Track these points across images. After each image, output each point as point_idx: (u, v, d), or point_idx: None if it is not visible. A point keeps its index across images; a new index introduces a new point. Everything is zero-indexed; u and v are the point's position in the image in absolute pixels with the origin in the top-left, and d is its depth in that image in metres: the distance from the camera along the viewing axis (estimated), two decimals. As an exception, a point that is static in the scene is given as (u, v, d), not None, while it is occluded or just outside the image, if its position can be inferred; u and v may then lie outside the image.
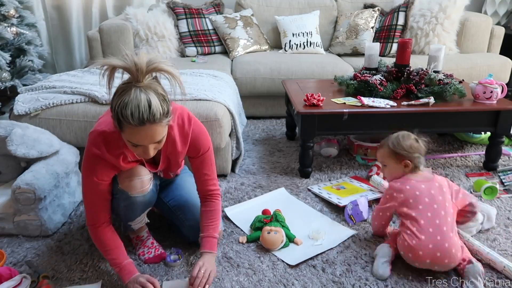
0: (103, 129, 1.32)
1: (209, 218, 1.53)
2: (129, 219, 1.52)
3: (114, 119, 1.20)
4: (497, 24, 3.69)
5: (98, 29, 3.04)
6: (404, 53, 2.26)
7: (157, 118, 1.16)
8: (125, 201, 1.43)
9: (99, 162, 1.33)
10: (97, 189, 1.37)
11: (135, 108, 1.13)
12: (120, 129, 1.19)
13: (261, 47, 3.31)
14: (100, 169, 1.34)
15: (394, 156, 1.59)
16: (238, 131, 2.19)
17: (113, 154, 1.33)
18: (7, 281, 1.41)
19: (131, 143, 1.22)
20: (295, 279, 1.49)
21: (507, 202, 1.96)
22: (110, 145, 1.32)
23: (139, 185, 1.42)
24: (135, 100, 1.13)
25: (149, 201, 1.50)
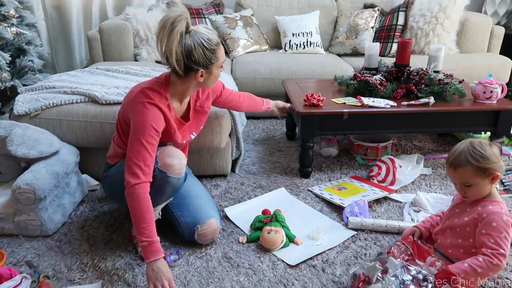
0: (148, 86, 1.49)
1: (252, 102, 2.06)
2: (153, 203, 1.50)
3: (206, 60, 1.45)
4: (497, 24, 3.69)
5: (98, 29, 3.04)
6: (404, 53, 2.26)
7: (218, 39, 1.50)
8: (159, 180, 1.46)
9: (154, 110, 1.45)
10: (153, 140, 1.42)
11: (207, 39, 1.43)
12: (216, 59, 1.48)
13: (261, 47, 3.31)
14: (156, 116, 1.45)
15: (480, 172, 1.34)
16: (238, 131, 2.19)
17: (162, 104, 1.48)
18: (7, 281, 1.41)
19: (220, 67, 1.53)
20: (295, 279, 1.49)
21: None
22: (158, 95, 1.48)
23: (178, 166, 1.47)
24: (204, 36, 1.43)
25: (179, 186, 1.54)
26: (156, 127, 1.44)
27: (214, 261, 1.58)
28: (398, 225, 1.73)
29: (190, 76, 1.49)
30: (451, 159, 1.38)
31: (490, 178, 1.34)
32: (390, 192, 1.99)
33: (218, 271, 1.53)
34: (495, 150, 1.35)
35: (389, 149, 2.39)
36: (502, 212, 1.32)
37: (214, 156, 2.13)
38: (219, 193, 2.06)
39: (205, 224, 1.60)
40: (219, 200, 1.99)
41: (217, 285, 1.46)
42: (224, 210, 1.88)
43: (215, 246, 1.66)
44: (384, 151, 2.37)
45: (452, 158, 1.38)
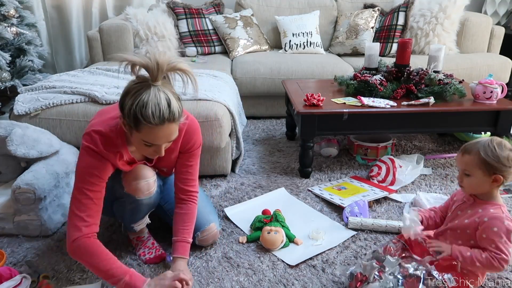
0: (99, 129, 1.28)
1: (184, 221, 1.48)
2: (133, 221, 1.52)
3: (127, 118, 1.17)
4: (497, 24, 3.69)
5: (98, 29, 3.04)
6: (404, 53, 2.26)
7: (176, 117, 1.18)
8: (131, 204, 1.42)
9: (99, 159, 1.27)
10: (96, 187, 1.27)
11: (156, 107, 1.13)
12: (136, 128, 1.18)
13: (261, 47, 3.31)
14: (101, 165, 1.28)
15: (484, 167, 1.30)
16: (238, 131, 2.19)
17: (111, 152, 1.29)
18: (7, 281, 1.40)
19: (144, 143, 1.22)
20: (295, 279, 1.49)
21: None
22: (107, 143, 1.28)
23: (146, 188, 1.40)
24: (155, 99, 1.14)
25: (154, 202, 1.50)
26: (98, 174, 1.27)
27: (214, 261, 1.58)
28: (398, 225, 1.73)
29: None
30: (466, 144, 1.36)
31: (492, 178, 1.31)
32: (390, 192, 1.99)
33: (218, 271, 1.53)
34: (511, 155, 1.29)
35: (389, 149, 2.39)
36: (503, 216, 1.30)
37: (214, 156, 2.13)
38: (219, 193, 2.06)
39: (206, 231, 1.59)
40: (219, 200, 1.99)
41: (217, 285, 1.46)
42: (224, 210, 1.88)
43: (215, 246, 1.66)
44: (384, 151, 2.37)
45: (467, 144, 1.35)
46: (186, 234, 1.47)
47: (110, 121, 1.31)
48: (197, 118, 1.94)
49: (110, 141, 1.28)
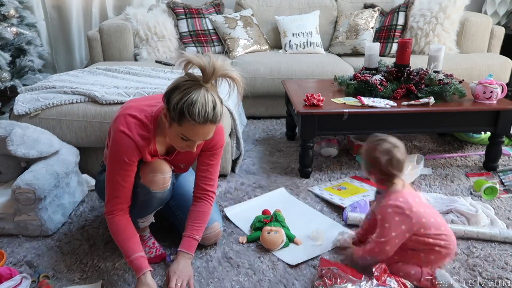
0: (134, 113, 1.36)
1: (196, 219, 1.52)
2: (141, 215, 1.52)
3: (172, 111, 1.24)
4: (497, 24, 3.69)
5: (98, 29, 3.04)
6: (404, 53, 2.26)
7: (218, 119, 1.27)
8: (144, 196, 1.44)
9: (129, 143, 1.34)
10: (124, 172, 1.36)
11: (203, 107, 1.21)
12: (179, 123, 1.24)
13: (261, 47, 3.31)
14: (130, 150, 1.35)
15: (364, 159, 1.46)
16: (238, 131, 2.19)
17: (142, 139, 1.36)
18: (7, 281, 1.41)
19: (182, 137, 1.28)
20: (295, 279, 1.49)
21: (507, 202, 1.96)
22: (140, 129, 1.35)
23: (161, 182, 1.43)
24: (203, 99, 1.21)
25: (165, 198, 1.52)
26: (128, 159, 1.35)
27: (214, 261, 1.58)
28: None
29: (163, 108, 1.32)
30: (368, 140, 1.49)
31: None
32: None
33: (218, 271, 1.53)
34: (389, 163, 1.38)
35: (389, 149, 2.39)
36: (385, 205, 1.39)
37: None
38: (219, 193, 2.06)
39: (209, 228, 1.59)
40: (219, 200, 1.99)
41: (217, 285, 1.46)
42: (224, 210, 1.88)
43: (215, 246, 1.66)
44: (384, 151, 2.37)
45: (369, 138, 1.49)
46: (195, 232, 1.50)
47: (146, 108, 1.38)
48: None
49: (144, 128, 1.36)
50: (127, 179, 1.38)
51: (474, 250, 1.63)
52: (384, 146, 1.40)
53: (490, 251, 1.62)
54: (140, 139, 1.35)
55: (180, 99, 1.22)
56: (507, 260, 1.57)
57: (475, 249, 1.63)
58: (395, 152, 1.39)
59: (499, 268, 1.53)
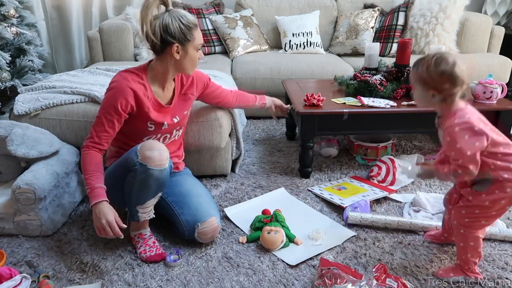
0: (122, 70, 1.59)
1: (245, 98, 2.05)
2: (140, 200, 1.53)
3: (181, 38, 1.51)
4: (497, 24, 3.69)
5: (98, 29, 3.04)
6: (404, 53, 2.26)
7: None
8: (142, 174, 1.47)
9: (128, 93, 1.52)
10: (112, 116, 1.52)
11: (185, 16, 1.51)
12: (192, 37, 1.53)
13: (261, 47, 3.31)
14: (127, 98, 1.51)
15: (420, 82, 1.34)
16: (238, 131, 2.19)
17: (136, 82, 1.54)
18: (7, 281, 1.41)
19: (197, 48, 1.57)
20: (295, 279, 1.49)
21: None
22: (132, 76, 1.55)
23: (158, 158, 1.47)
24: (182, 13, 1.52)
25: (163, 180, 1.52)
26: (118, 107, 1.51)
27: (214, 261, 1.58)
28: (397, 220, 1.73)
29: (167, 52, 1.54)
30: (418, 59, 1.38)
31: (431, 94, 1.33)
32: (390, 192, 1.99)
33: (218, 271, 1.53)
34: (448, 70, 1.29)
35: (389, 149, 2.39)
36: (453, 124, 1.30)
37: (214, 156, 2.13)
38: (219, 193, 2.06)
39: (206, 223, 1.60)
40: (219, 200, 1.99)
41: (217, 285, 1.46)
42: (224, 210, 1.88)
43: (215, 246, 1.66)
44: (384, 151, 2.37)
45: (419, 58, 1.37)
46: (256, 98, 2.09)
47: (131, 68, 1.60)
48: (197, 118, 1.96)
49: (136, 75, 1.56)
50: (112, 126, 1.53)
51: (474, 250, 1.62)
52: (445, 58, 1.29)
53: (490, 251, 1.62)
54: (136, 83, 1.54)
55: (178, 24, 1.49)
56: (507, 260, 1.57)
57: (475, 249, 1.63)
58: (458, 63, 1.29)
59: (499, 268, 1.53)
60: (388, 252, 1.62)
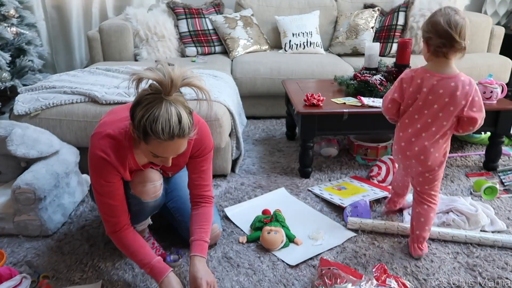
0: (108, 131, 1.28)
1: (200, 221, 1.47)
2: (135, 222, 1.51)
3: (136, 129, 1.18)
4: (497, 24, 3.69)
5: (98, 29, 3.04)
6: (404, 53, 2.26)
7: (186, 133, 1.17)
8: (136, 206, 1.42)
9: (105, 166, 1.28)
10: (109, 191, 1.32)
11: (166, 123, 1.12)
12: (145, 141, 1.18)
13: (261, 47, 3.31)
14: (107, 172, 1.30)
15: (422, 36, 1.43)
16: (238, 131, 2.19)
17: (119, 159, 1.29)
18: (7, 281, 1.41)
19: (152, 154, 1.22)
20: (295, 279, 1.49)
21: (507, 202, 1.96)
22: (116, 149, 1.28)
23: (152, 191, 1.41)
24: (166, 115, 1.12)
25: (159, 205, 1.51)
26: (106, 181, 1.30)
27: (214, 261, 1.58)
28: (397, 225, 1.73)
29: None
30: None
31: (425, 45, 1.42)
32: (390, 192, 1.99)
33: (218, 271, 1.53)
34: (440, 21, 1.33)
35: (389, 149, 2.39)
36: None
37: (214, 156, 2.12)
38: (219, 193, 2.06)
39: None
40: (219, 200, 1.99)
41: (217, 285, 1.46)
42: (224, 210, 1.88)
43: (215, 246, 1.66)
44: (384, 151, 2.37)
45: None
46: (203, 234, 1.45)
47: (120, 123, 1.31)
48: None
49: (119, 146, 1.29)
50: (116, 197, 1.34)
51: (474, 250, 1.63)
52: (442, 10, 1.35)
53: (490, 251, 1.62)
54: (116, 159, 1.28)
55: (142, 116, 1.13)
56: (507, 260, 1.57)
57: (475, 249, 1.63)
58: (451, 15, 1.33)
59: (499, 268, 1.53)
60: (388, 252, 1.63)
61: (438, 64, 1.42)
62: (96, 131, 1.31)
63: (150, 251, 1.39)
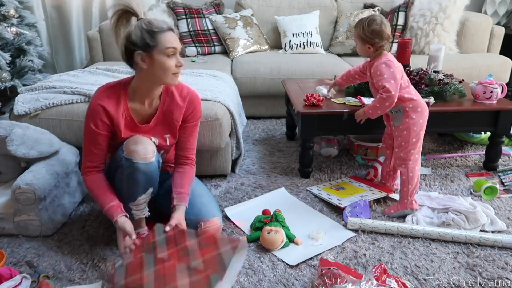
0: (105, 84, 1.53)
1: (182, 178, 1.61)
2: (131, 196, 1.51)
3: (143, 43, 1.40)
4: (497, 24, 3.69)
5: (98, 29, 3.05)
6: (404, 53, 2.26)
7: (173, 27, 1.46)
8: (128, 168, 1.47)
9: (98, 111, 1.48)
10: (93, 137, 1.50)
11: (158, 21, 1.42)
12: (155, 43, 1.40)
13: (261, 47, 3.31)
14: (98, 117, 1.48)
15: (360, 39, 1.75)
16: (238, 131, 2.19)
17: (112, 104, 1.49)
18: (7, 281, 1.41)
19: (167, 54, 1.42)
20: (295, 279, 1.49)
21: (507, 202, 1.96)
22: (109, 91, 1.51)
23: (143, 152, 1.47)
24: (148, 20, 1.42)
25: (151, 174, 1.50)
26: (95, 126, 1.49)
27: (214, 261, 1.58)
28: (397, 226, 1.72)
29: (135, 62, 1.45)
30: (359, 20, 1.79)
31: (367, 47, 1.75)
32: (388, 192, 1.99)
33: (218, 271, 1.53)
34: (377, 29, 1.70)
35: (389, 149, 2.39)
36: (381, 62, 1.73)
37: (214, 156, 2.13)
38: (219, 193, 2.06)
39: (209, 222, 1.59)
40: (219, 200, 1.99)
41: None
42: (224, 210, 1.88)
43: (215, 246, 1.66)
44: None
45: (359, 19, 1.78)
46: (184, 188, 1.58)
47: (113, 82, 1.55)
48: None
49: (111, 90, 1.51)
50: (99, 146, 1.52)
51: (474, 250, 1.63)
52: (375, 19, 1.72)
53: (490, 251, 1.62)
54: (108, 99, 1.49)
55: (139, 31, 1.40)
56: (507, 260, 1.57)
57: (475, 249, 1.63)
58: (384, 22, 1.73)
59: (499, 268, 1.53)
60: (388, 252, 1.63)
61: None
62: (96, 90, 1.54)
63: (110, 196, 1.50)
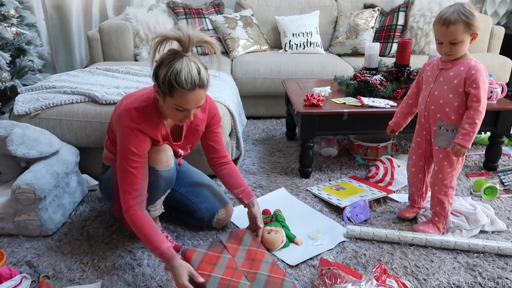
0: (134, 105, 1.42)
1: (233, 178, 1.67)
2: (151, 200, 1.54)
3: (161, 86, 1.31)
4: (497, 24, 3.69)
5: (98, 29, 3.04)
6: (404, 53, 2.26)
7: (205, 84, 1.35)
8: (151, 176, 1.48)
9: (137, 134, 1.41)
10: (138, 163, 1.41)
11: (188, 75, 1.29)
12: (170, 94, 1.32)
13: (261, 47, 3.31)
14: (139, 140, 1.41)
15: (468, 30, 1.46)
16: (238, 131, 2.19)
17: (148, 125, 1.43)
18: (7, 281, 1.41)
19: (176, 108, 1.35)
20: (295, 279, 1.49)
21: (507, 202, 1.96)
22: (144, 116, 1.42)
23: (165, 159, 1.49)
24: (187, 67, 1.29)
25: (171, 178, 1.55)
26: (138, 151, 1.40)
27: (214, 261, 1.58)
28: (399, 234, 1.67)
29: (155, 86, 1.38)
30: (444, 17, 1.47)
31: (472, 37, 1.49)
32: (388, 192, 1.99)
33: (218, 271, 1.53)
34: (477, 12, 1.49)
35: (389, 149, 2.39)
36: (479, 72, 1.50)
37: (214, 156, 2.13)
38: (219, 193, 2.06)
39: (224, 209, 1.72)
40: (219, 200, 1.99)
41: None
42: (224, 210, 1.88)
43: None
44: (384, 151, 2.37)
45: (445, 16, 1.47)
46: (242, 185, 1.66)
47: (140, 98, 1.46)
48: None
49: (147, 114, 1.43)
50: (141, 170, 1.42)
51: (474, 250, 1.63)
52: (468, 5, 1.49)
53: (490, 251, 1.62)
54: (149, 127, 1.43)
55: (166, 72, 1.29)
56: (507, 260, 1.57)
57: (475, 249, 1.63)
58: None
59: (499, 268, 1.53)
60: (388, 252, 1.63)
61: None
62: (123, 108, 1.43)
63: (162, 235, 1.41)
